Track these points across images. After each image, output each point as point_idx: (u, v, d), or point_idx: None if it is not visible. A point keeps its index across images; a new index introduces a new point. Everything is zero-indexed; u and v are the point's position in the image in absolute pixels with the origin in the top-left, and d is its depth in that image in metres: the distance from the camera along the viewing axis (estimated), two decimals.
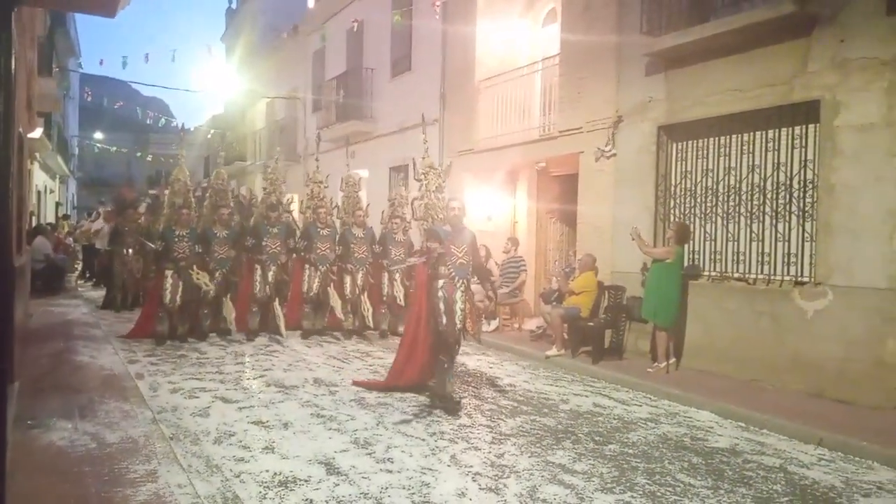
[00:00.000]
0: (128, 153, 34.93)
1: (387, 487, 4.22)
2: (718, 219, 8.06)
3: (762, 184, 7.58)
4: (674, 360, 7.86)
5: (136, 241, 12.38)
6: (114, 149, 32.45)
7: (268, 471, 4.45)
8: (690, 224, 8.19)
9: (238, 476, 4.33)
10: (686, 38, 7.86)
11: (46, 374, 6.99)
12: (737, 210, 7.86)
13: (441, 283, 6.20)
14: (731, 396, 6.63)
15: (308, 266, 9.95)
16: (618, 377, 7.62)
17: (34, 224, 16.34)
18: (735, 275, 7.78)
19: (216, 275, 9.35)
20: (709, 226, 8.18)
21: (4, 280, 3.35)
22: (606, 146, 9.30)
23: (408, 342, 6.79)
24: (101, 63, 25.62)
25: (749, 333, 7.38)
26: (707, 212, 8.20)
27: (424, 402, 6.33)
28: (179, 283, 9.06)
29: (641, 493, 4.29)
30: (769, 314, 7.22)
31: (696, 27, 7.82)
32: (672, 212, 8.61)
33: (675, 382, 7.25)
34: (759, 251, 7.59)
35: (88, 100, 26.34)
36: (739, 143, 7.83)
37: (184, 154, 11.46)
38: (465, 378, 7.50)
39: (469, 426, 5.65)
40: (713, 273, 8.04)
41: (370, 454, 4.84)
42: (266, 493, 4.07)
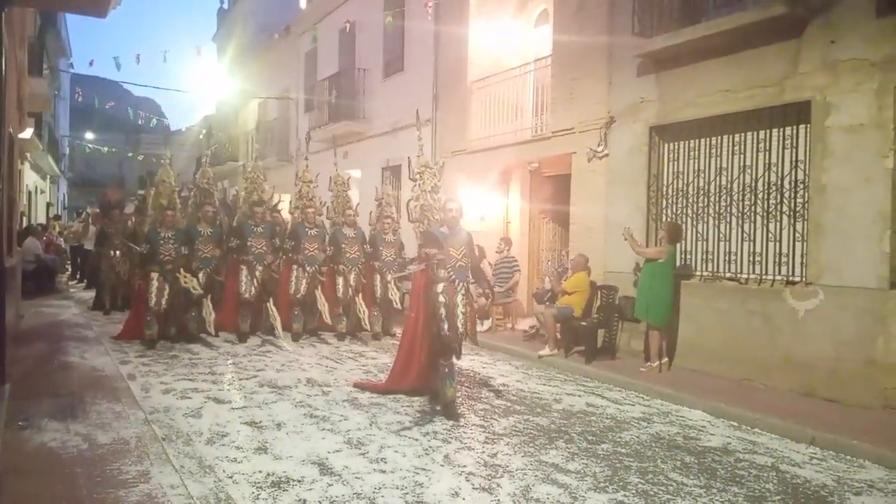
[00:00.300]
0: (119, 153, 34.71)
1: (380, 487, 4.22)
2: (710, 219, 8.10)
3: (753, 184, 7.62)
4: (666, 360, 7.89)
5: (122, 244, 12.34)
6: (105, 149, 32.20)
7: (261, 471, 4.43)
8: (682, 224, 8.23)
9: (231, 476, 4.32)
10: (677, 40, 7.89)
11: (38, 376, 6.95)
12: (728, 210, 7.90)
13: (441, 288, 5.96)
14: (724, 396, 6.66)
15: (296, 267, 9.82)
16: (610, 377, 7.65)
17: (25, 225, 16.25)
18: (727, 274, 7.82)
19: (199, 275, 9.13)
20: (700, 226, 8.22)
21: None
22: (599, 147, 9.32)
23: (406, 346, 6.67)
24: (92, 64, 25.50)
25: (741, 333, 7.41)
26: (699, 212, 8.24)
27: (418, 403, 6.32)
28: (165, 286, 8.90)
29: (634, 492, 4.31)
30: (761, 314, 7.26)
31: (688, 28, 7.85)
32: (664, 212, 8.64)
33: (668, 382, 7.28)
34: (751, 251, 7.63)
35: (79, 100, 26.24)
36: (731, 144, 7.87)
37: (169, 155, 11.36)
38: (458, 378, 7.46)
39: (462, 426, 5.65)
40: (705, 273, 8.08)
41: (363, 454, 4.84)
42: (259, 494, 4.06)
